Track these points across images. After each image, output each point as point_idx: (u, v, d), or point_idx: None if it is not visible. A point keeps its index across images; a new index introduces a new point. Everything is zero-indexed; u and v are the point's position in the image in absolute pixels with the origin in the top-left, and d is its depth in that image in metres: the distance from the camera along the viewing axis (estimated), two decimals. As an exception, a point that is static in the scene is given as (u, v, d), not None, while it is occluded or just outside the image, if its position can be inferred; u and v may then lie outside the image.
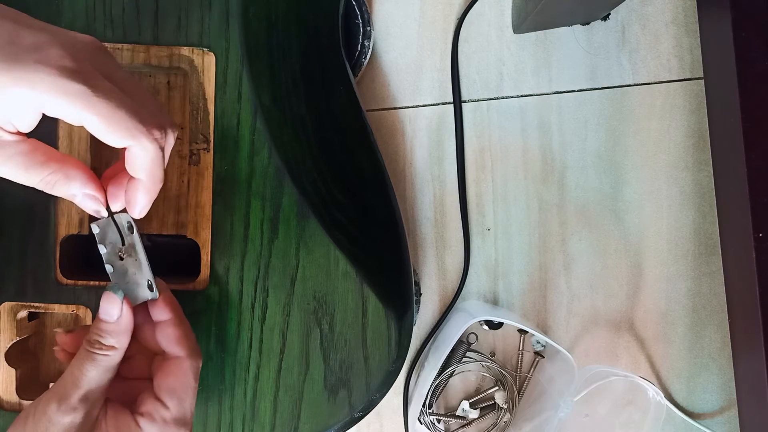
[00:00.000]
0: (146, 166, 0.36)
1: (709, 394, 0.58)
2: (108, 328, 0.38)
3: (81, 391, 0.36)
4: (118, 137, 0.34)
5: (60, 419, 0.36)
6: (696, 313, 0.58)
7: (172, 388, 0.39)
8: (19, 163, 0.34)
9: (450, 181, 0.57)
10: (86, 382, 0.37)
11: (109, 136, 0.34)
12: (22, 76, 0.31)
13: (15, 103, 0.32)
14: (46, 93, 0.32)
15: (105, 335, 0.38)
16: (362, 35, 0.54)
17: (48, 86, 0.32)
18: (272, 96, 0.44)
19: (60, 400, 0.36)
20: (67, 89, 0.32)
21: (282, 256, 0.44)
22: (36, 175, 0.34)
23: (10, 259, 0.44)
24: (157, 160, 0.36)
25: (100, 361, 0.37)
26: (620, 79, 0.57)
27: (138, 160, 0.35)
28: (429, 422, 0.56)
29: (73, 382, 0.36)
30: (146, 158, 0.35)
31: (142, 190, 0.37)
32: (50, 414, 0.36)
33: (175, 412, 0.39)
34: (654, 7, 0.57)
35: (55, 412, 0.36)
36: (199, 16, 0.44)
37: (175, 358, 0.40)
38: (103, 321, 0.38)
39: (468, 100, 0.57)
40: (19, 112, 0.32)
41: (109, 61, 0.36)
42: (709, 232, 0.58)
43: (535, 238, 0.58)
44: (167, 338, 0.40)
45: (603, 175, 0.57)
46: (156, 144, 0.35)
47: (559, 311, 0.58)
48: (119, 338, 0.38)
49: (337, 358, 0.45)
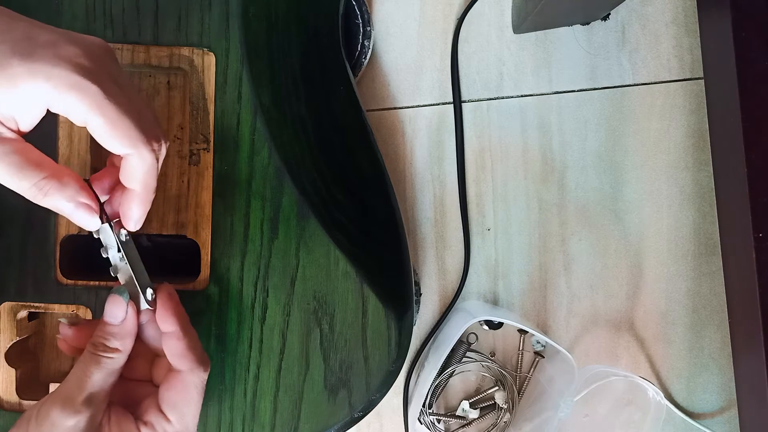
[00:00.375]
0: (141, 177, 0.36)
1: (709, 394, 0.58)
2: (113, 330, 0.38)
3: (85, 393, 0.36)
4: (119, 144, 0.34)
5: (64, 422, 0.35)
6: (696, 313, 0.58)
7: (173, 403, 0.39)
8: (13, 162, 0.33)
9: (450, 181, 0.57)
10: (90, 384, 0.36)
11: (110, 141, 0.34)
12: (39, 69, 0.31)
13: (25, 97, 0.32)
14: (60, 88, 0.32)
15: (109, 338, 0.38)
16: (362, 35, 0.54)
17: (64, 81, 0.32)
18: (272, 96, 0.44)
19: (64, 403, 0.36)
20: (81, 87, 0.32)
21: (282, 256, 0.44)
22: (30, 178, 0.34)
23: (10, 259, 0.44)
24: (152, 171, 0.36)
25: (104, 364, 0.37)
26: (620, 79, 0.57)
27: (134, 169, 0.35)
28: (429, 422, 0.56)
29: (77, 385, 0.36)
30: (143, 168, 0.35)
31: (136, 202, 0.37)
32: (54, 417, 0.35)
33: (177, 426, 0.39)
34: (654, 7, 0.57)
35: (59, 414, 0.35)
36: (199, 16, 0.44)
37: (178, 372, 0.39)
38: (108, 324, 0.38)
39: (468, 100, 0.57)
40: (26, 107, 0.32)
41: (116, 66, 0.36)
42: (709, 232, 0.58)
43: (535, 238, 0.58)
44: (171, 351, 0.39)
45: (603, 175, 0.57)
46: (153, 155, 0.35)
47: (559, 311, 0.58)
48: (124, 341, 0.38)
49: (337, 358, 0.45)
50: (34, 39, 0.32)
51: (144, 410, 0.39)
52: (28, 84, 0.31)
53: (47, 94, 0.32)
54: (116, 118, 0.33)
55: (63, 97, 0.32)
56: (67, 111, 0.33)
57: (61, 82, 0.32)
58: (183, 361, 0.39)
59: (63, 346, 0.41)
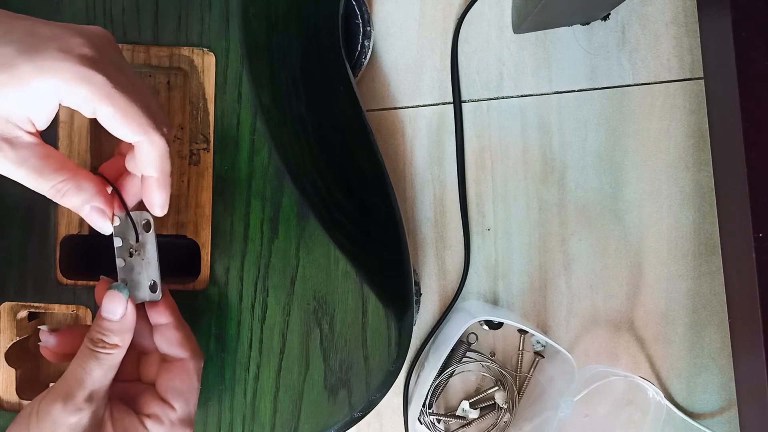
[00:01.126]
0: (156, 162, 0.36)
1: (709, 394, 0.58)
2: (112, 326, 0.38)
3: (86, 390, 0.36)
4: (130, 131, 0.34)
5: (66, 419, 0.35)
6: (696, 313, 0.58)
7: (178, 390, 0.39)
8: (33, 167, 0.34)
9: (450, 181, 0.57)
10: (90, 381, 0.36)
11: (121, 129, 0.34)
12: (46, 64, 0.32)
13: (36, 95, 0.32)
14: (69, 82, 0.32)
15: (108, 333, 0.37)
16: (362, 35, 0.54)
17: (72, 74, 0.32)
18: (272, 96, 0.44)
19: (65, 400, 0.36)
20: (89, 78, 0.32)
21: (282, 256, 0.44)
22: (49, 181, 0.34)
23: (10, 259, 0.44)
24: (165, 155, 0.36)
25: (103, 360, 0.37)
26: (620, 79, 0.57)
27: (147, 155, 0.36)
28: (429, 422, 0.56)
29: (77, 382, 0.36)
30: (155, 154, 0.36)
31: (156, 187, 0.37)
32: (55, 414, 0.35)
33: (182, 413, 0.39)
34: (654, 7, 0.57)
35: (61, 411, 0.35)
36: (199, 16, 0.44)
37: (178, 360, 0.40)
38: (106, 319, 0.38)
39: (468, 100, 0.57)
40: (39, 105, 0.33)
41: (119, 55, 0.36)
42: (709, 232, 0.58)
43: (535, 238, 0.58)
44: (168, 341, 0.40)
45: (603, 175, 0.57)
46: (164, 139, 0.36)
47: (559, 311, 0.58)
48: (123, 336, 0.38)
49: (337, 358, 0.45)
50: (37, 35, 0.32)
51: (143, 404, 0.39)
52: (37, 81, 0.32)
53: (57, 88, 0.32)
54: (125, 106, 0.33)
55: (73, 90, 0.32)
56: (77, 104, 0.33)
57: (69, 76, 0.32)
58: (182, 349, 0.40)
59: (46, 353, 0.40)
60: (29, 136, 0.33)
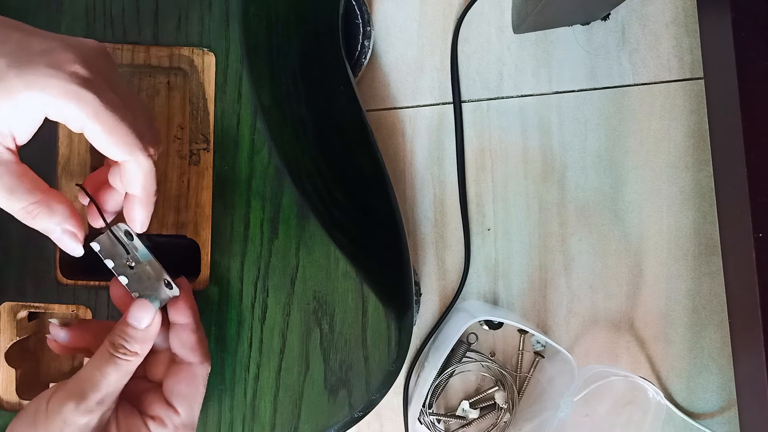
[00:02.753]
0: (141, 182, 0.36)
1: (709, 394, 0.58)
2: (135, 334, 0.38)
3: (100, 393, 0.36)
4: (117, 151, 0.34)
5: (77, 419, 0.35)
6: (696, 313, 0.58)
7: (183, 394, 0.39)
8: (6, 185, 0.33)
9: (450, 181, 0.57)
10: (105, 384, 0.36)
11: (109, 148, 0.34)
12: (34, 80, 0.31)
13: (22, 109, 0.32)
14: (57, 97, 0.32)
15: (131, 341, 0.38)
16: (362, 35, 0.54)
17: (60, 91, 0.32)
18: (272, 96, 0.44)
19: (78, 400, 0.36)
20: (78, 95, 0.32)
21: (282, 256, 0.44)
22: (20, 201, 0.34)
23: (10, 259, 0.44)
24: (150, 175, 0.36)
25: (121, 366, 0.37)
26: (620, 79, 0.57)
27: (132, 175, 0.36)
28: (429, 422, 0.56)
29: (92, 384, 0.36)
30: (141, 173, 0.36)
31: (139, 205, 0.37)
32: (66, 414, 0.35)
33: (185, 418, 0.39)
34: (654, 7, 0.57)
35: (73, 412, 0.35)
36: (199, 16, 0.44)
37: (187, 363, 0.40)
38: (131, 326, 0.38)
39: (468, 100, 0.57)
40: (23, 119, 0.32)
41: (112, 69, 0.36)
42: (709, 232, 0.58)
43: (535, 238, 0.58)
44: (183, 342, 0.40)
45: (603, 175, 0.57)
46: (150, 160, 0.36)
47: (559, 311, 0.58)
48: (143, 345, 0.38)
49: (337, 358, 0.45)
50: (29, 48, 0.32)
51: (148, 405, 0.39)
52: (24, 95, 0.31)
53: (44, 104, 0.32)
54: (113, 125, 0.33)
55: (60, 106, 0.32)
56: (65, 119, 0.33)
57: (57, 92, 0.32)
58: (194, 354, 0.40)
59: (53, 345, 0.40)
60: (8, 153, 0.33)
